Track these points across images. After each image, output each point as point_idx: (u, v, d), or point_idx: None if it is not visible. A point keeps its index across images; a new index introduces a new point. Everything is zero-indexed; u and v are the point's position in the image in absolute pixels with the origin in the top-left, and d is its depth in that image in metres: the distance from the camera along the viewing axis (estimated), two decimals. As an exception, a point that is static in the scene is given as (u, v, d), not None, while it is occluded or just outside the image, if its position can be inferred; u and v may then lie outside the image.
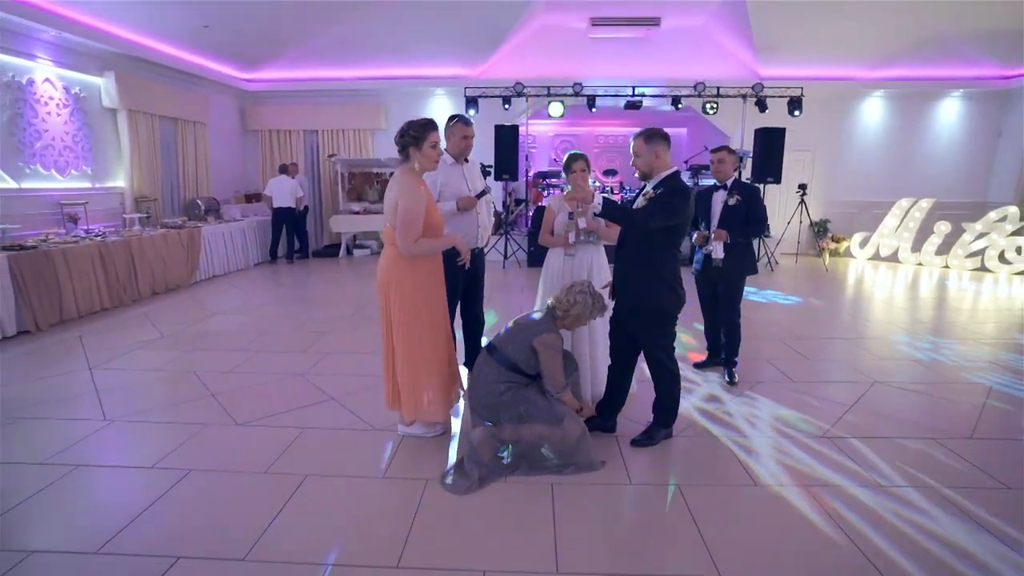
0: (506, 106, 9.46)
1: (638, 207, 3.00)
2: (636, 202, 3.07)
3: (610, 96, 9.53)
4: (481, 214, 3.70)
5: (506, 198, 10.39)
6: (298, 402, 3.70)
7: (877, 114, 10.41)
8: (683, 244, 3.23)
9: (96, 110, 7.40)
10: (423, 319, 3.01)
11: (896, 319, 5.98)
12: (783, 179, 9.18)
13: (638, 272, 3.00)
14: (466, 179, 3.64)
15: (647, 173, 3.00)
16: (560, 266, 3.57)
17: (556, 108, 9.47)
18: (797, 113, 9.41)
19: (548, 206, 3.67)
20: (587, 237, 3.51)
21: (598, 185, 10.97)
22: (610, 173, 11.48)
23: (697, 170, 9.65)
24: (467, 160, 3.69)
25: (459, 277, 3.49)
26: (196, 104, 9.14)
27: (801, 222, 9.78)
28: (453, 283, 3.38)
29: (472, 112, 9.17)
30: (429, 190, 3.08)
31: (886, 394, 3.90)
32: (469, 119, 3.64)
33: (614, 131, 12.30)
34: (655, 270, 2.97)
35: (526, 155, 10.24)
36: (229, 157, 10.43)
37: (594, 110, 9.56)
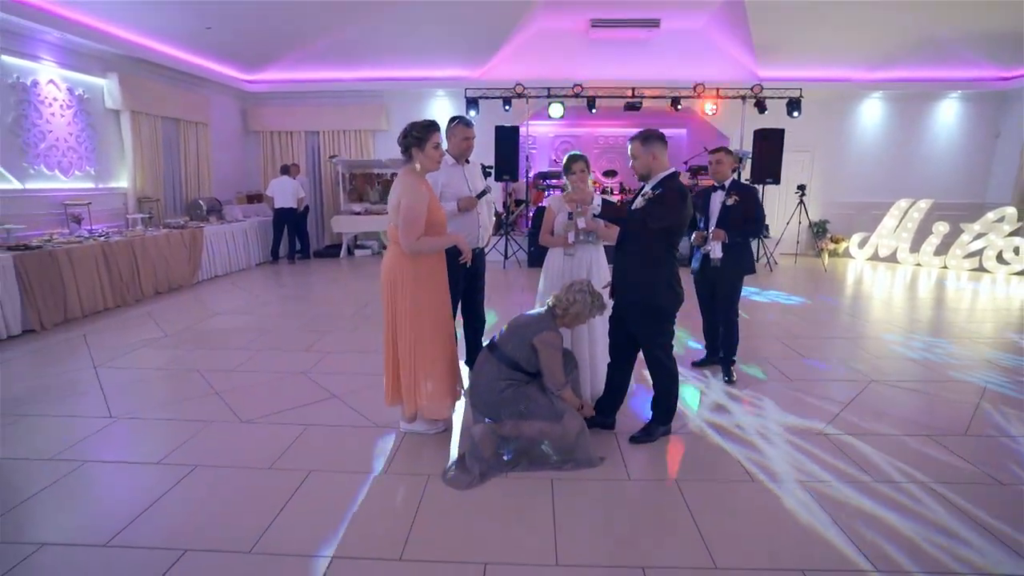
0: (506, 107, 9.50)
1: (636, 207, 3.04)
2: (635, 203, 3.11)
3: (610, 97, 9.57)
4: (482, 214, 3.75)
5: (506, 199, 10.43)
6: (301, 400, 3.75)
7: (876, 115, 10.46)
8: (682, 244, 3.27)
9: (99, 111, 7.45)
10: (426, 316, 3.06)
11: (894, 319, 6.03)
12: (782, 180, 9.24)
13: (637, 271, 3.04)
14: (467, 180, 3.69)
15: (645, 174, 3.05)
16: (560, 265, 3.61)
17: (556, 109, 9.52)
18: (796, 114, 9.46)
19: (548, 206, 3.72)
20: (586, 237, 3.56)
21: (597, 184, 11.00)
22: (610, 174, 11.52)
23: (696, 171, 9.69)
24: (468, 161, 3.75)
25: (460, 276, 3.54)
26: (198, 105, 9.19)
27: (800, 223, 9.83)
28: (454, 282, 3.42)
29: (473, 113, 9.22)
30: (432, 189, 3.12)
31: (882, 392, 3.95)
32: (470, 120, 3.69)
33: (614, 132, 12.33)
34: (654, 269, 3.01)
35: (526, 156, 10.28)
36: (231, 158, 10.48)
37: (594, 111, 9.61)
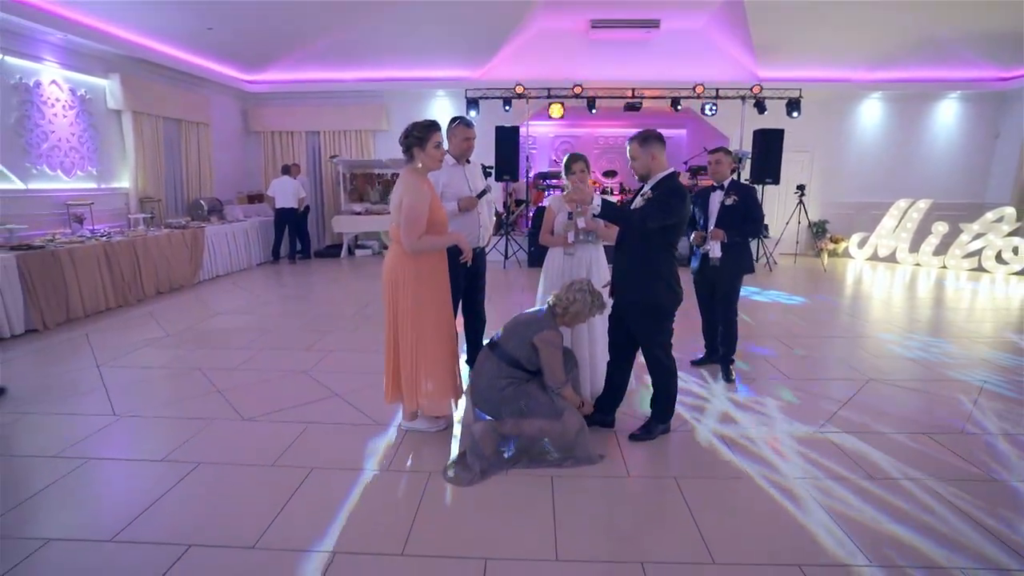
0: (507, 107, 9.53)
1: (636, 207, 3.07)
2: (634, 202, 3.14)
3: (610, 98, 9.60)
4: (482, 214, 3.78)
5: (507, 199, 10.46)
6: (303, 398, 3.78)
7: (875, 115, 10.49)
8: (681, 244, 3.29)
9: (101, 111, 7.48)
10: (428, 315, 3.08)
11: (893, 319, 6.05)
12: (782, 180, 9.26)
13: (636, 270, 3.07)
14: (467, 180, 3.71)
15: (644, 174, 3.08)
16: (560, 265, 3.64)
17: (556, 109, 9.55)
18: (796, 114, 9.48)
19: (548, 206, 3.75)
20: (586, 237, 3.59)
21: (597, 184, 11.03)
22: (610, 174, 11.55)
23: (696, 171, 9.71)
24: (468, 161, 3.77)
25: (461, 275, 3.57)
26: (199, 105, 9.22)
27: (800, 223, 9.85)
28: (455, 281, 3.45)
29: (473, 113, 9.25)
30: (433, 188, 3.15)
31: (880, 391, 3.97)
32: (470, 121, 3.71)
33: (614, 132, 12.36)
34: (653, 268, 3.04)
35: (526, 156, 10.31)
36: (232, 158, 10.51)
37: (594, 111, 9.63)
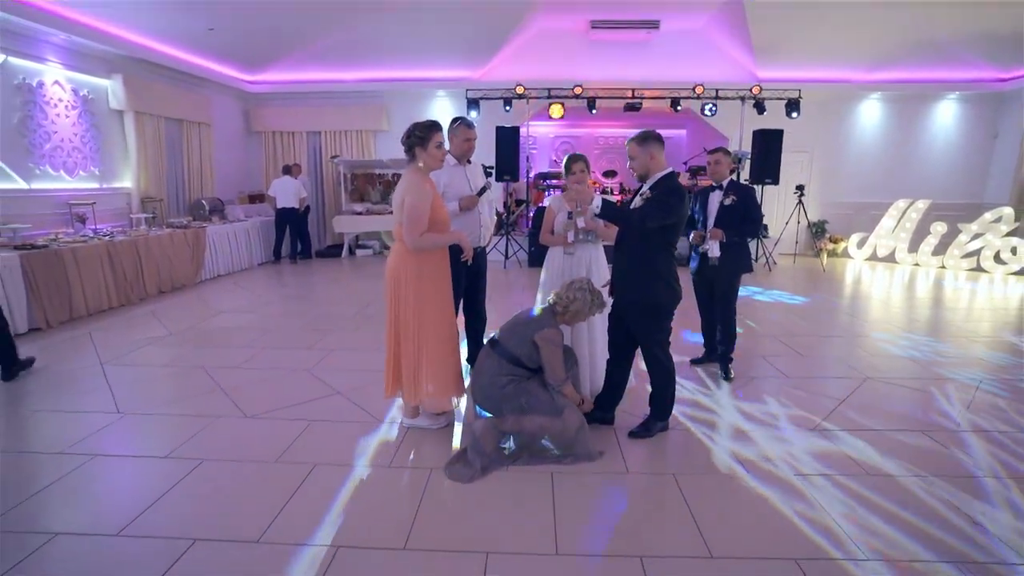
0: (507, 108, 9.56)
1: (635, 207, 3.10)
2: (633, 202, 3.17)
3: (610, 98, 9.63)
4: (483, 213, 3.81)
5: (507, 199, 10.49)
6: (305, 396, 3.81)
7: (874, 116, 10.52)
8: (680, 245, 3.32)
9: (103, 112, 7.52)
10: (430, 313, 3.12)
11: (891, 318, 6.08)
12: (781, 180, 9.29)
13: (636, 270, 3.10)
14: (468, 180, 3.75)
15: (643, 174, 3.11)
16: (560, 264, 3.67)
17: (556, 110, 9.58)
18: (795, 115, 9.51)
19: (548, 206, 3.78)
20: (586, 236, 3.62)
21: (597, 184, 11.06)
22: (610, 174, 11.58)
23: (696, 171, 9.74)
24: (469, 161, 3.81)
25: (462, 275, 3.60)
26: (201, 106, 9.25)
27: (799, 223, 9.89)
28: (456, 280, 3.48)
29: (473, 114, 9.28)
30: (435, 187, 3.19)
31: (878, 389, 4.00)
32: (471, 121, 3.75)
33: (614, 132, 12.38)
34: (652, 267, 3.07)
35: (527, 156, 10.34)
36: (233, 158, 10.54)
37: (594, 112, 9.67)
